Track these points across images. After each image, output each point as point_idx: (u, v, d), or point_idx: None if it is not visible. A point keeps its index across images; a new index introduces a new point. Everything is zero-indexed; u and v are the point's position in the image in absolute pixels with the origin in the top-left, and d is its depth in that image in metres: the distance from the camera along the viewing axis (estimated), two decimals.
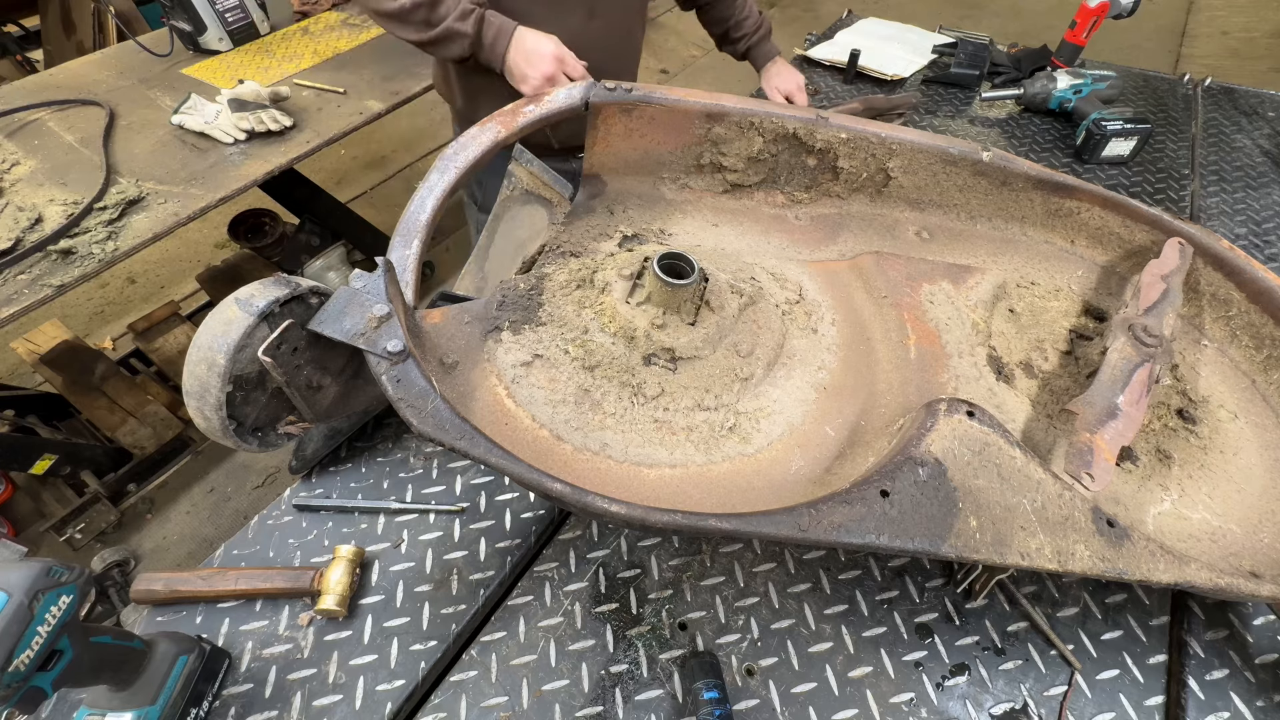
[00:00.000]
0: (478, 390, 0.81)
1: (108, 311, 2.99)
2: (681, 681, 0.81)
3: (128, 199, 1.56)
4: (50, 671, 0.59)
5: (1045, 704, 0.80)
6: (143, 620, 0.88)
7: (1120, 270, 1.11)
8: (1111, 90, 1.80)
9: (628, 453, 0.80)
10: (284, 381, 0.75)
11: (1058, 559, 0.66)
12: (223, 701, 0.80)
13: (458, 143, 0.94)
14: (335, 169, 3.83)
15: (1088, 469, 0.73)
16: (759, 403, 0.86)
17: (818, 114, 1.07)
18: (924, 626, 0.87)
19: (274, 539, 0.96)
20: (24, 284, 1.38)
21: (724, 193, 1.16)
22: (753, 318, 0.90)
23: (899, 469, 0.69)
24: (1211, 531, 0.82)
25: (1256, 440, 0.92)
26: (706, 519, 0.63)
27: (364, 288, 0.73)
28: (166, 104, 1.89)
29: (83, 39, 2.94)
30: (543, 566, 0.92)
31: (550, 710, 0.79)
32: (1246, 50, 4.65)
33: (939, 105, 1.91)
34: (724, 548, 0.95)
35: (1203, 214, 1.55)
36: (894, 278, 1.05)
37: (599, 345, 0.84)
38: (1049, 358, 0.98)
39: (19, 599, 0.56)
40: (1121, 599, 0.89)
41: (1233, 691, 0.81)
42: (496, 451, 0.63)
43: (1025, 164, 1.07)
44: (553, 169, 1.14)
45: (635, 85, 1.03)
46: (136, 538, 2.20)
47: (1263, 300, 0.97)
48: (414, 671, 0.82)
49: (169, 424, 2.29)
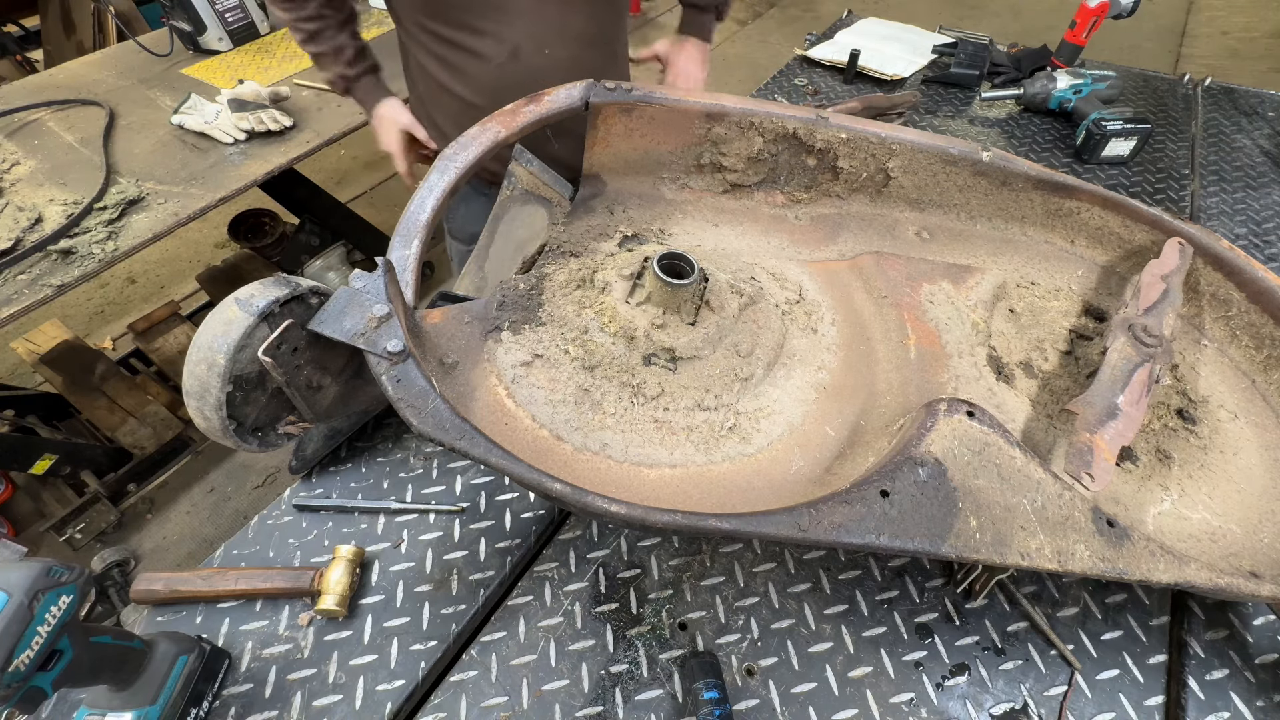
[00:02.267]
0: (478, 390, 0.81)
1: (108, 311, 2.99)
2: (681, 681, 0.81)
3: (128, 199, 1.56)
4: (50, 671, 0.59)
5: (1045, 704, 0.80)
6: (143, 620, 0.88)
7: (1120, 270, 1.11)
8: (1111, 90, 1.80)
9: (628, 453, 0.80)
10: (284, 381, 0.75)
11: (1058, 559, 0.66)
12: (223, 701, 0.80)
13: (458, 143, 0.94)
14: (335, 169, 3.83)
15: (1088, 469, 0.73)
16: (759, 403, 0.86)
17: (818, 114, 1.07)
18: (924, 626, 0.87)
19: (274, 539, 0.96)
20: (24, 284, 1.38)
21: (724, 193, 1.16)
22: (753, 318, 0.90)
23: (899, 469, 0.69)
24: (1211, 531, 0.82)
25: (1256, 440, 0.92)
26: (706, 519, 0.63)
27: (364, 288, 0.73)
28: (166, 104, 1.89)
29: (83, 39, 2.94)
30: (543, 566, 0.92)
31: (550, 710, 0.79)
32: (1246, 50, 4.65)
33: (939, 105, 1.91)
34: (724, 548, 0.95)
35: (1203, 214, 1.55)
36: (894, 278, 1.05)
37: (599, 345, 0.84)
38: (1049, 358, 0.98)
39: (19, 599, 0.56)
40: (1121, 599, 0.89)
41: (1233, 691, 0.80)
42: (496, 451, 0.63)
43: (1025, 164, 1.07)
44: None
45: (635, 85, 1.03)
46: (136, 538, 2.20)
47: (1263, 300, 0.97)
48: (414, 671, 0.82)
49: (169, 424, 2.29)
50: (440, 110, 1.31)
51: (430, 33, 1.17)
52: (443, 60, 1.20)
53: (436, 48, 1.19)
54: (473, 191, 1.39)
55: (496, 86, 1.20)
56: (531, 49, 1.18)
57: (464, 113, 1.23)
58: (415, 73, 1.31)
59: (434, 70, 1.23)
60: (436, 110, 1.31)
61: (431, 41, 1.19)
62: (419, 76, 1.30)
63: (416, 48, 1.23)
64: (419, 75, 1.29)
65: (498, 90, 1.19)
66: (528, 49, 1.18)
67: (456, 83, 1.22)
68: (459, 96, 1.23)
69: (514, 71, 1.19)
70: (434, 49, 1.20)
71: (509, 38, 1.16)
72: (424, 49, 1.21)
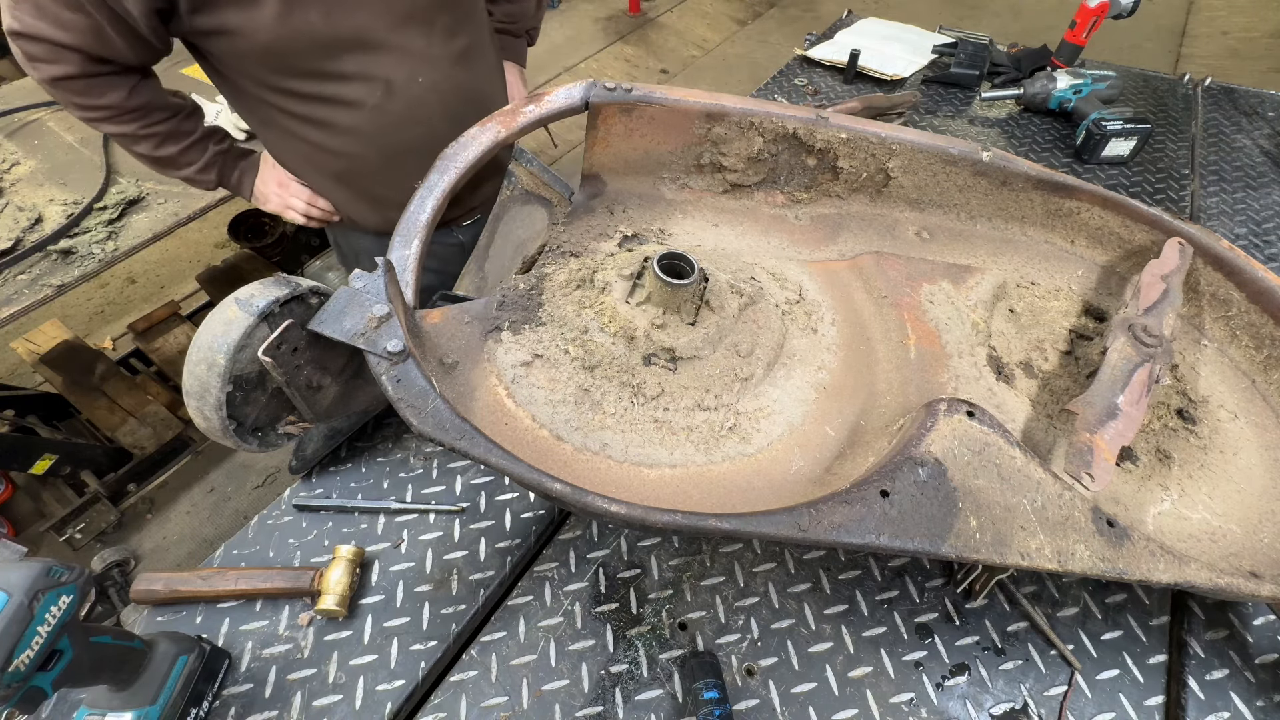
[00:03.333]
0: (478, 390, 0.81)
1: (108, 311, 2.98)
2: (681, 681, 0.81)
3: (128, 199, 1.56)
4: (50, 671, 0.59)
5: (1045, 704, 0.80)
6: (143, 620, 0.88)
7: (1120, 270, 1.11)
8: (1111, 90, 1.80)
9: (628, 453, 0.80)
10: (284, 381, 0.75)
11: (1058, 559, 0.66)
12: (223, 701, 0.80)
13: (458, 143, 0.94)
14: None
15: (1088, 469, 0.73)
16: (759, 403, 0.86)
17: (818, 114, 1.07)
18: (924, 626, 0.87)
19: (274, 539, 0.96)
20: (24, 284, 1.38)
21: (724, 193, 1.16)
22: (753, 318, 0.90)
23: (899, 469, 0.69)
24: (1211, 531, 0.82)
25: (1256, 440, 0.92)
26: (706, 519, 0.63)
27: (364, 288, 0.73)
28: None
29: None
30: (543, 566, 0.92)
31: (550, 710, 0.79)
32: (1246, 50, 4.65)
33: (939, 105, 1.91)
34: (724, 548, 0.95)
35: (1203, 214, 1.55)
36: (894, 278, 1.05)
37: (599, 345, 0.84)
38: (1049, 358, 0.98)
39: (19, 599, 0.56)
40: (1121, 599, 0.89)
41: (1233, 691, 0.81)
42: (496, 451, 0.63)
43: (1025, 164, 1.07)
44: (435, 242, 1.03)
45: (635, 85, 1.03)
46: (136, 538, 2.20)
47: (1263, 300, 0.97)
48: (414, 671, 0.82)
49: (169, 424, 2.29)
50: (316, 175, 1.21)
51: (286, 92, 1.06)
52: (307, 119, 1.10)
53: (298, 108, 1.08)
54: (444, 236, 1.31)
55: (377, 129, 1.12)
56: (404, 79, 1.10)
57: (347, 169, 1.16)
58: (276, 145, 1.20)
59: (301, 133, 1.12)
60: (312, 177, 1.22)
61: (290, 102, 1.08)
62: (282, 148, 1.19)
63: (275, 115, 1.11)
64: (282, 146, 1.19)
65: (379, 133, 1.12)
66: (399, 80, 1.09)
67: (331, 139, 1.12)
68: (335, 153, 1.14)
69: (392, 109, 1.11)
70: (295, 110, 1.09)
71: (377, 73, 1.07)
72: (283, 113, 1.10)
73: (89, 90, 0.99)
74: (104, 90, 1.00)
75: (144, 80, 1.06)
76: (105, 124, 1.05)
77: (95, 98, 1.01)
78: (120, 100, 1.02)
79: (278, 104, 1.08)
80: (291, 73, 1.04)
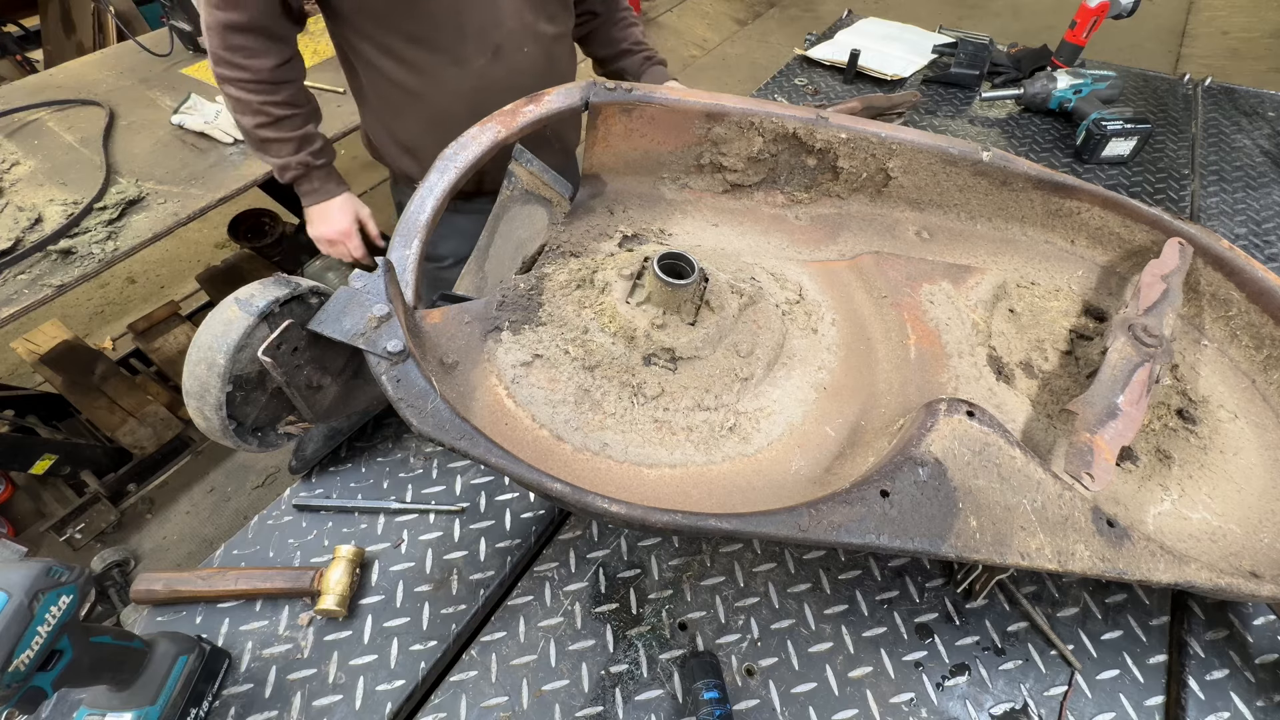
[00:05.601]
0: (478, 390, 0.81)
1: (108, 311, 2.99)
2: (681, 681, 0.81)
3: (128, 199, 1.56)
4: (50, 671, 0.59)
5: (1045, 704, 0.80)
6: (143, 620, 0.88)
7: (1120, 270, 1.11)
8: (1111, 90, 1.80)
9: (628, 453, 0.80)
10: (284, 381, 0.74)
11: (1058, 559, 0.66)
12: (223, 701, 0.80)
13: (458, 142, 0.94)
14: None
15: (1088, 469, 0.73)
16: (759, 403, 0.86)
17: (818, 114, 1.07)
18: (924, 626, 0.87)
19: (274, 539, 0.96)
20: (24, 284, 1.38)
21: (724, 193, 1.16)
22: (753, 318, 0.90)
23: (899, 469, 0.69)
24: (1211, 531, 0.82)
25: (1256, 440, 0.92)
26: (706, 519, 0.63)
27: (364, 288, 0.73)
28: (166, 104, 1.89)
29: (83, 39, 2.94)
30: (543, 566, 0.92)
31: (550, 710, 0.79)
32: (1246, 50, 4.65)
33: (939, 105, 1.91)
34: (724, 548, 0.95)
35: (1203, 214, 1.55)
36: (894, 278, 1.05)
37: (599, 345, 0.84)
38: (1049, 358, 0.98)
39: (19, 599, 0.56)
40: (1121, 599, 0.89)
41: (1233, 691, 0.81)
42: (496, 451, 0.63)
43: (1025, 164, 1.07)
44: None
45: (635, 85, 1.03)
46: (136, 538, 2.20)
47: (1263, 300, 0.97)
48: (414, 671, 0.82)
49: (169, 424, 2.29)
50: (407, 122, 1.24)
51: (406, 36, 1.10)
52: (412, 66, 1.14)
53: (407, 52, 1.12)
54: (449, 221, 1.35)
55: (477, 88, 1.16)
56: (512, 47, 1.16)
57: (437, 123, 1.19)
58: (374, 86, 1.22)
59: (401, 78, 1.15)
60: (401, 123, 1.25)
61: (401, 45, 1.11)
62: (380, 89, 1.21)
63: (383, 60, 1.14)
64: (380, 87, 1.21)
65: (476, 92, 1.16)
66: (509, 47, 1.16)
67: (433, 87, 1.16)
68: (434, 103, 1.18)
69: (494, 73, 1.17)
70: (403, 54, 1.12)
71: (493, 36, 1.13)
72: (394, 58, 1.13)
73: (248, 48, 1.07)
74: (262, 53, 1.08)
75: (295, 59, 1.14)
76: (235, 86, 1.11)
77: (248, 57, 1.08)
78: (268, 68, 1.10)
79: (393, 48, 1.12)
80: (417, 20, 1.09)
